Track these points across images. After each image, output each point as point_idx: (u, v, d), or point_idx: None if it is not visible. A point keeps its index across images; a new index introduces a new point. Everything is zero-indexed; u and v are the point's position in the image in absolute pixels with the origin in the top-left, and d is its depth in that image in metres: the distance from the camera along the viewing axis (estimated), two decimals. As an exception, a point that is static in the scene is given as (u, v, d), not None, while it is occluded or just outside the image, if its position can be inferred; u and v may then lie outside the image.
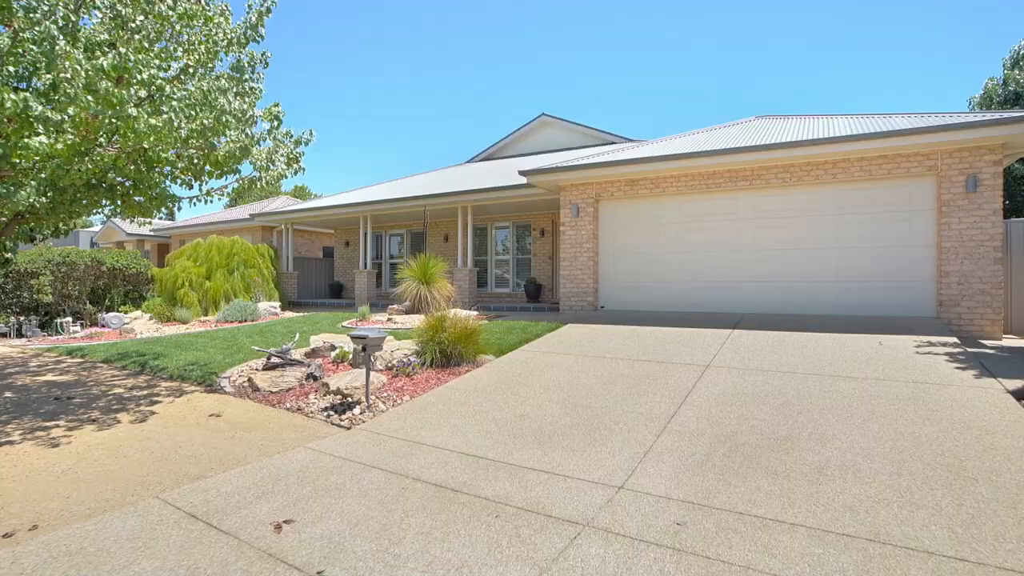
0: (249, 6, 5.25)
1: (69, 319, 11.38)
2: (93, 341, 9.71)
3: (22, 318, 11.79)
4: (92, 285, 12.71)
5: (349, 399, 5.32)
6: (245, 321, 11.46)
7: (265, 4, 5.30)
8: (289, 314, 13.01)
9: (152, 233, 21.58)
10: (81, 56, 3.96)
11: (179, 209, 5.98)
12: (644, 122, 73.46)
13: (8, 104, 3.77)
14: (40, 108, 3.95)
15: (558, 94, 73.73)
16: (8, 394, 5.91)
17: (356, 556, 2.58)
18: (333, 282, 18.62)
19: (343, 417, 4.93)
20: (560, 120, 17.54)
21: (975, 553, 2.42)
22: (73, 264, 12.29)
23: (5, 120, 3.98)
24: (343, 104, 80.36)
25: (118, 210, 5.74)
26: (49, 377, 6.78)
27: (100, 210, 5.73)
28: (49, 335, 11.17)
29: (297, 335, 7.90)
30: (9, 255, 6.36)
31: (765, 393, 4.77)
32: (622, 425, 4.25)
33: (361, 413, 4.98)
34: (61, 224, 6.07)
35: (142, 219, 6.44)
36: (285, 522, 2.94)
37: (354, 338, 5.17)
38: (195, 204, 6.53)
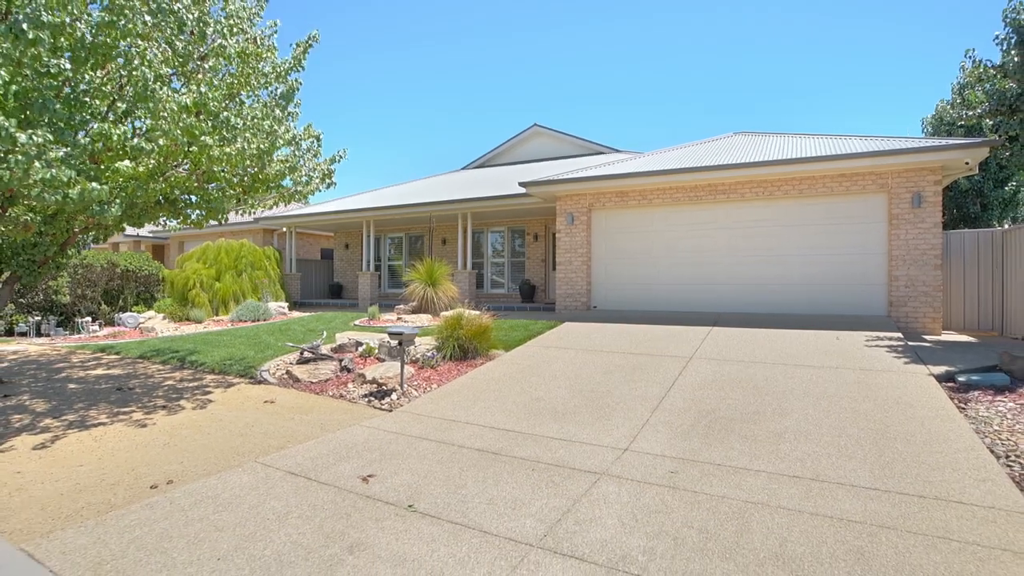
0: (297, 44, 6.02)
1: (88, 319, 11.89)
2: (117, 340, 10.27)
3: (39, 318, 12.24)
4: (106, 286, 13.21)
5: (384, 387, 6.14)
6: (258, 320, 12.10)
7: (309, 41, 6.07)
8: (296, 314, 13.67)
9: (150, 234, 21.87)
10: (174, 95, 4.70)
11: (226, 220, 6.71)
12: (641, 123, 75.08)
13: (115, 137, 4.51)
14: (137, 140, 4.70)
15: (554, 92, 74.87)
16: (72, 386, 6.57)
17: (433, 496, 3.43)
18: (333, 283, 19.26)
19: (383, 402, 5.75)
20: (551, 131, 18.49)
21: (884, 485, 3.37)
22: (89, 266, 12.79)
23: (107, 150, 4.70)
24: (342, 104, 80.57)
25: (175, 220, 6.45)
26: (99, 371, 7.43)
27: (158, 221, 6.43)
28: (70, 334, 11.66)
29: (324, 333, 8.64)
30: (63, 260, 7.00)
31: (739, 379, 5.73)
32: (622, 405, 5.16)
33: (398, 398, 5.80)
34: (117, 232, 6.74)
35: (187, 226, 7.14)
36: (369, 476, 3.77)
37: (391, 334, 5.99)
38: (241, 215, 7.25)
